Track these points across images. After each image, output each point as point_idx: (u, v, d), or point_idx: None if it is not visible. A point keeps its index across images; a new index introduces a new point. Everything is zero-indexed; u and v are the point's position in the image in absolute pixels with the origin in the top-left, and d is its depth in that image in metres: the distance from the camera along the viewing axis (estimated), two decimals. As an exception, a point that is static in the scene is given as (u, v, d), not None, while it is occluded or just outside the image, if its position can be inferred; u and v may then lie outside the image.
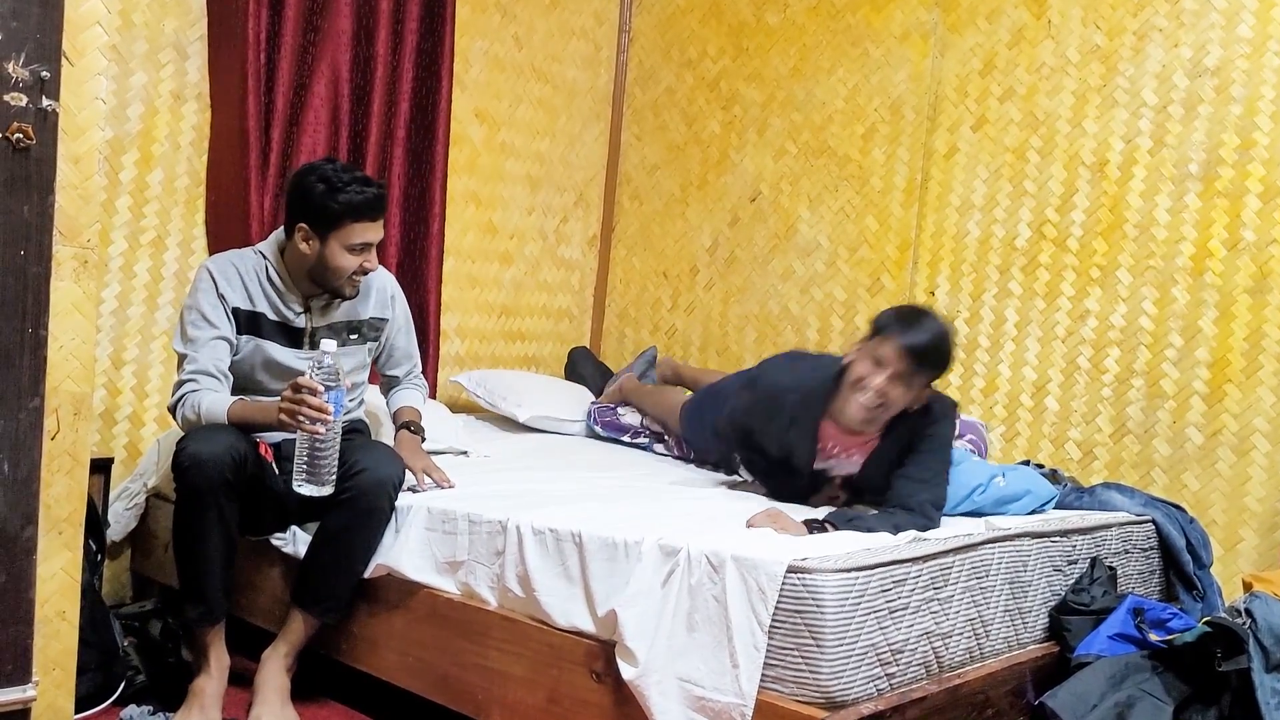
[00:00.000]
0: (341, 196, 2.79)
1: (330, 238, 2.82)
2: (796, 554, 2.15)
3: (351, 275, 2.87)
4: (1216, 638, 2.34)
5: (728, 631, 2.12)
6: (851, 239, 4.19)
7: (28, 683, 1.90)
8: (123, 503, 3.41)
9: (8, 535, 1.85)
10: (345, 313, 3.00)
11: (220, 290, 2.84)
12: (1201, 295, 3.44)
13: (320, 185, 2.80)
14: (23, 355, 1.86)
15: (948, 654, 2.30)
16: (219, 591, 2.74)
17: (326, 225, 2.81)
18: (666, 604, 2.21)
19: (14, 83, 1.81)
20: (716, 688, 2.11)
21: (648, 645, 2.19)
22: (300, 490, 2.60)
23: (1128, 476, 3.49)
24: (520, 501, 2.72)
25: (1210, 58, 3.45)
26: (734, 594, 2.12)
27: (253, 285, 2.89)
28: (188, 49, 3.57)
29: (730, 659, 2.10)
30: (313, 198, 2.80)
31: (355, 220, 2.81)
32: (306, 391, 2.53)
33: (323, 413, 2.53)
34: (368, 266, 2.88)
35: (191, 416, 2.74)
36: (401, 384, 3.22)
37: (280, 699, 2.74)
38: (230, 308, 2.85)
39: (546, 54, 4.63)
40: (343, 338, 2.99)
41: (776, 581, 2.08)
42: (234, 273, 2.88)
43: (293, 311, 2.92)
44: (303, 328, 2.93)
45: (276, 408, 2.60)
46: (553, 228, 4.74)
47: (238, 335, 2.87)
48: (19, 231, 1.84)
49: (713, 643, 2.14)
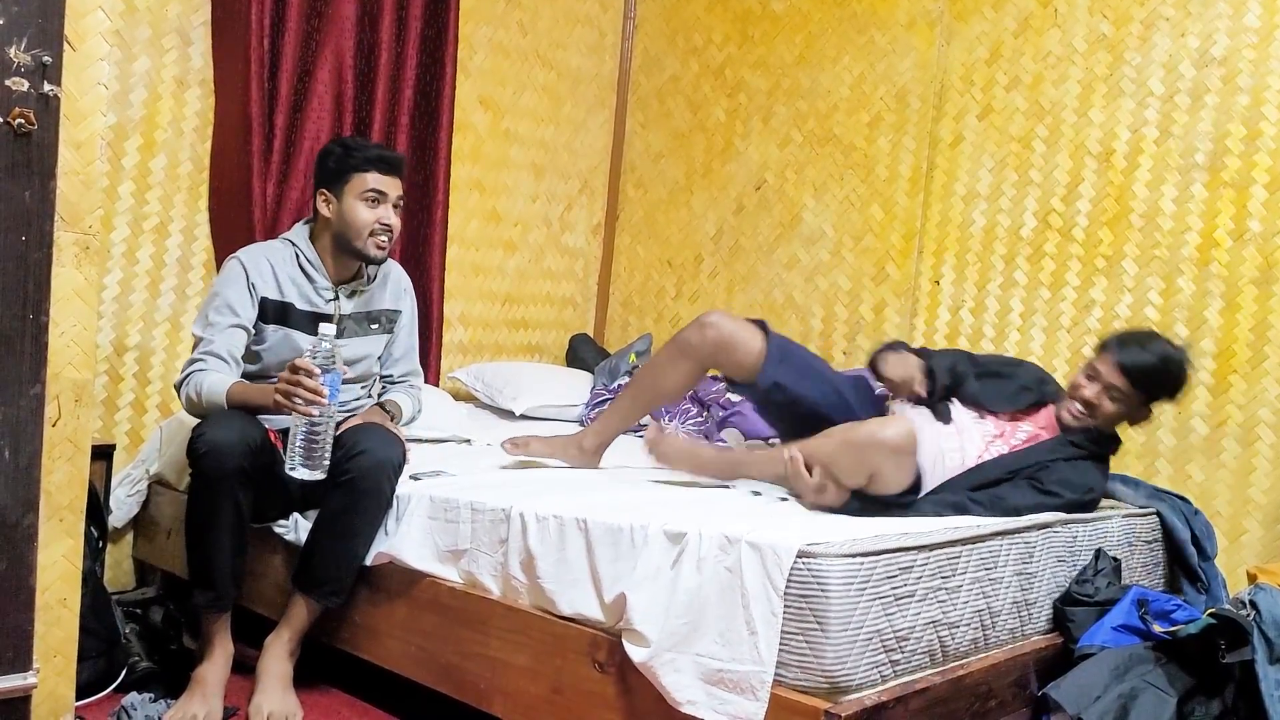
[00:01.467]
0: (355, 152, 2.93)
1: (345, 191, 2.92)
2: (808, 536, 2.14)
3: (374, 233, 2.93)
4: (1221, 630, 2.33)
5: (743, 599, 2.10)
6: (856, 228, 4.18)
7: (28, 670, 1.90)
8: (125, 489, 3.41)
9: (8, 522, 1.85)
10: (369, 302, 3.06)
11: (251, 279, 2.89)
12: (1207, 286, 3.43)
13: (338, 149, 2.96)
14: (24, 341, 1.85)
15: (953, 643, 2.30)
16: (229, 579, 2.74)
17: (341, 180, 2.93)
18: (677, 584, 2.20)
19: (15, 67, 1.80)
20: (734, 658, 2.09)
21: (658, 626, 2.18)
22: (293, 474, 2.60)
23: (1132, 467, 3.48)
24: (523, 490, 2.72)
25: (1217, 47, 3.43)
26: (748, 562, 2.11)
27: (283, 275, 2.93)
28: (191, 34, 3.55)
29: (747, 626, 2.09)
30: (329, 161, 2.96)
31: (367, 169, 2.91)
32: (304, 373, 2.54)
33: (318, 395, 2.53)
34: (387, 220, 2.94)
35: (194, 395, 2.76)
36: (395, 385, 3.22)
37: (282, 686, 2.74)
38: (259, 298, 2.89)
39: (551, 40, 4.61)
40: (365, 327, 3.04)
41: (791, 553, 2.07)
42: (265, 264, 2.92)
43: (323, 298, 2.96)
44: (331, 314, 2.96)
45: (273, 390, 2.60)
46: (557, 215, 4.74)
47: (267, 324, 2.91)
48: (20, 217, 1.83)
49: (727, 614, 2.12)
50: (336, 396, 2.59)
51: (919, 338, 4.01)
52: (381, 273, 3.09)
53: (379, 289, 3.09)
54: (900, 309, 4.05)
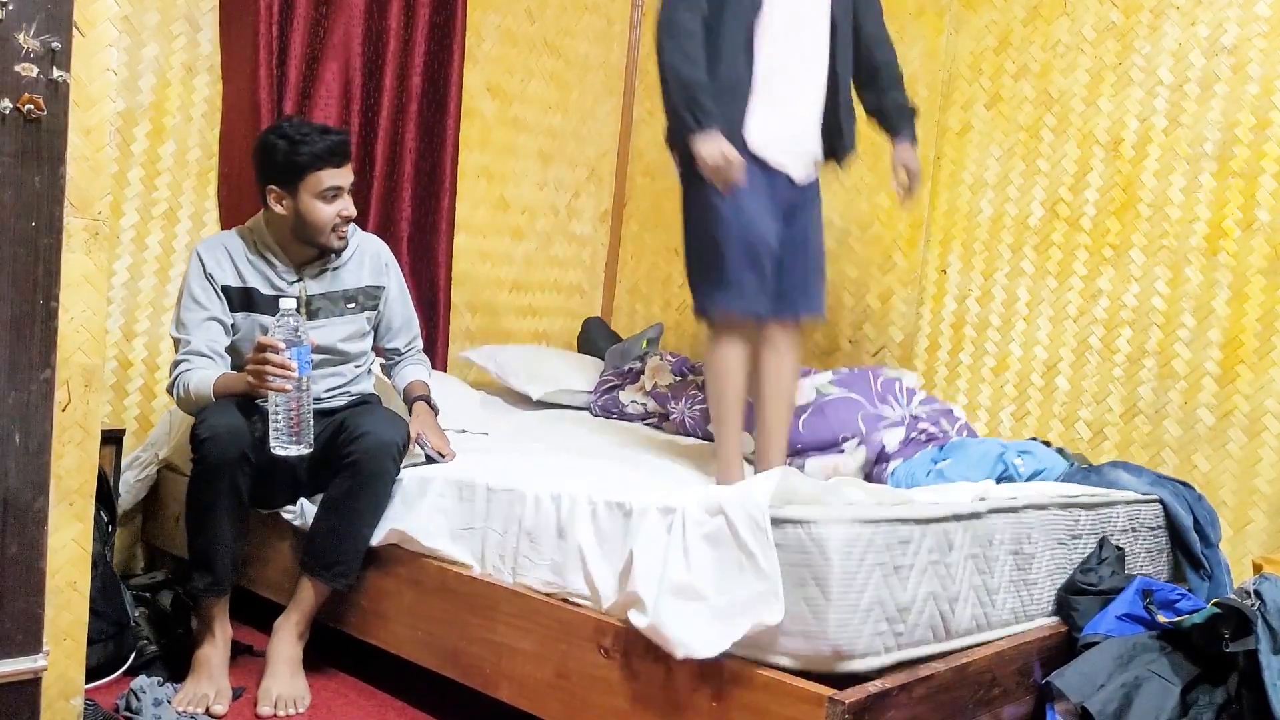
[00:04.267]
0: (303, 148, 2.81)
1: (300, 190, 2.83)
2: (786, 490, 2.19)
3: (335, 226, 2.88)
4: (1225, 619, 2.34)
5: (735, 539, 2.13)
6: (863, 216, 4.17)
7: (39, 653, 1.91)
8: (134, 471, 3.42)
9: (19, 506, 1.86)
10: (340, 281, 3.01)
11: (208, 270, 2.86)
12: (1215, 275, 3.42)
13: (281, 143, 2.82)
14: (34, 327, 1.86)
15: (954, 618, 2.30)
16: (227, 563, 2.76)
17: (294, 178, 2.83)
18: (671, 548, 2.22)
19: (25, 53, 1.80)
20: (740, 585, 2.11)
21: (655, 592, 2.20)
22: (277, 452, 2.62)
23: (1138, 457, 3.48)
24: (534, 470, 2.73)
25: (1227, 36, 3.42)
26: (733, 509, 2.15)
27: (242, 262, 2.91)
28: (200, 21, 3.56)
29: (743, 552, 2.11)
30: (275, 156, 2.83)
31: (320, 167, 2.82)
32: (269, 350, 2.55)
33: (286, 369, 2.55)
34: (346, 213, 2.88)
35: (183, 394, 2.78)
36: (404, 359, 3.22)
37: (290, 669, 2.76)
38: (219, 286, 2.87)
39: (559, 28, 4.61)
40: (340, 306, 3.00)
41: (765, 497, 2.11)
42: (222, 252, 2.90)
43: (285, 282, 2.93)
44: (297, 297, 2.93)
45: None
46: (564, 203, 4.74)
47: (235, 312, 2.89)
48: (30, 203, 1.84)
49: (720, 557, 2.15)
50: (307, 369, 2.61)
51: (926, 326, 4.01)
52: (354, 249, 3.03)
53: (353, 267, 3.03)
54: (907, 298, 4.05)
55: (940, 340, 3.99)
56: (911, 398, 3.31)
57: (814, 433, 3.20)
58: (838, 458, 3.17)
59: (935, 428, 3.21)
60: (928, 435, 3.19)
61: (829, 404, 3.21)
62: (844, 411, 3.19)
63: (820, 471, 3.11)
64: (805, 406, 3.25)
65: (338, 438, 2.80)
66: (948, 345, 3.97)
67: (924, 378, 3.99)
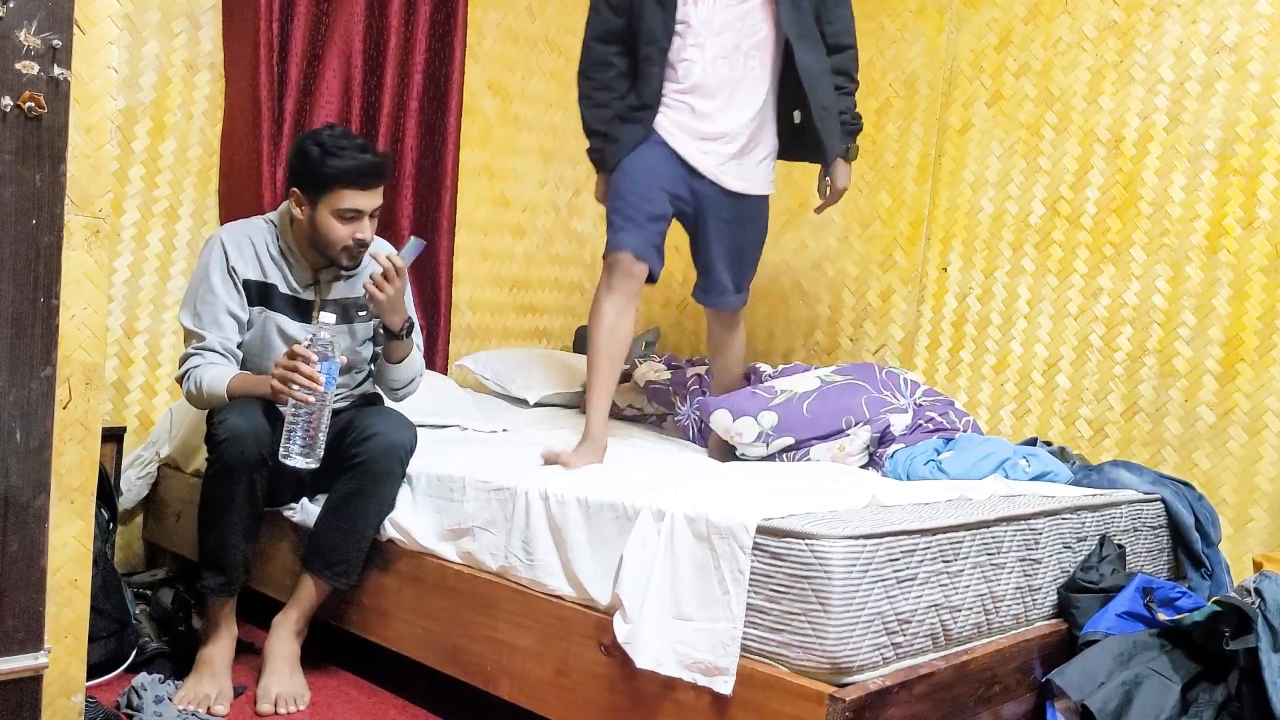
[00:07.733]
0: (333, 161, 2.73)
1: (320, 203, 2.77)
2: (766, 508, 2.20)
3: (347, 247, 2.81)
4: (1225, 617, 2.34)
5: (714, 561, 2.16)
6: (864, 214, 4.17)
7: (40, 650, 1.91)
8: (135, 470, 3.43)
9: (20, 504, 1.86)
10: (354, 288, 2.96)
11: (232, 263, 2.82)
12: (1215, 274, 3.42)
13: (315, 149, 2.76)
14: (34, 324, 1.86)
15: (956, 627, 2.30)
16: (239, 564, 2.76)
17: (317, 189, 2.77)
18: (656, 559, 2.24)
19: (25, 51, 1.80)
20: (709, 617, 2.16)
21: (639, 602, 2.22)
22: (286, 462, 2.59)
23: (1139, 455, 3.48)
24: (527, 469, 2.73)
25: (1228, 34, 3.42)
26: (716, 534, 2.18)
27: (264, 256, 2.87)
28: (201, 18, 3.56)
29: (720, 586, 2.15)
30: (307, 162, 2.76)
31: (344, 186, 2.74)
32: (301, 359, 2.54)
33: (314, 382, 2.54)
34: (362, 237, 2.81)
35: (195, 391, 2.75)
36: None
37: (289, 667, 2.76)
38: (241, 280, 2.83)
39: (560, 26, 4.61)
40: (351, 314, 2.97)
41: (754, 521, 2.14)
42: (247, 243, 2.86)
43: (300, 284, 2.91)
44: (310, 300, 2.92)
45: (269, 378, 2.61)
46: (565, 201, 4.74)
47: (249, 307, 2.86)
48: (31, 200, 1.84)
49: (701, 578, 2.19)
50: (333, 385, 2.59)
51: (927, 324, 4.01)
52: (369, 260, 2.95)
53: (366, 275, 2.96)
54: (908, 296, 4.05)
55: (941, 338, 3.99)
56: (915, 389, 3.31)
57: (818, 417, 3.19)
58: (842, 440, 3.17)
59: (943, 418, 3.21)
60: (935, 425, 3.18)
61: (833, 390, 3.20)
62: (848, 397, 3.18)
63: (826, 455, 3.11)
64: (810, 393, 3.25)
65: (346, 437, 2.79)
66: (948, 343, 3.97)
67: (925, 376, 3.99)
